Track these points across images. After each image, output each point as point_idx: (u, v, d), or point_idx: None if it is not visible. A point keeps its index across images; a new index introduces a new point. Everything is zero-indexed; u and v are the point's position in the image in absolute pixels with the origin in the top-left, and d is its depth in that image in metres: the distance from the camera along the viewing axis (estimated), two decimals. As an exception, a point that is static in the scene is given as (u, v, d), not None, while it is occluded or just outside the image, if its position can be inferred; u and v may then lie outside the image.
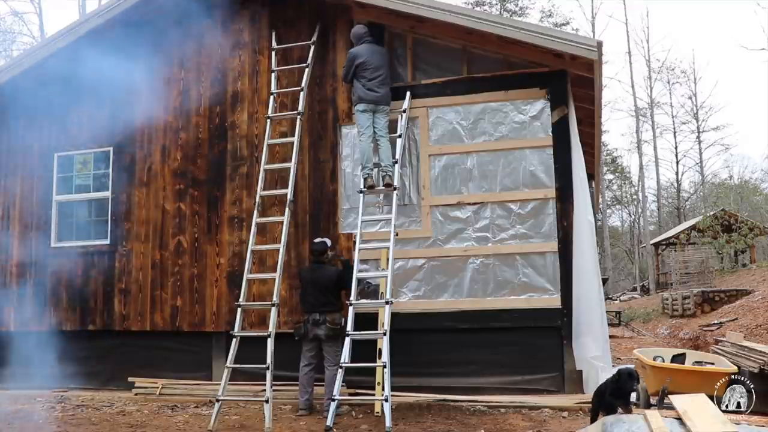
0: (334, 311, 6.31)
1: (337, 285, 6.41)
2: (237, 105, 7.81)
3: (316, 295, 6.35)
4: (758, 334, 11.72)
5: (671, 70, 42.28)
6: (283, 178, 7.24)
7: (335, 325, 6.23)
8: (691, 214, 38.39)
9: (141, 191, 8.03)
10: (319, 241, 6.69)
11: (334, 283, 6.39)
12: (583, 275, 6.59)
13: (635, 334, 16.26)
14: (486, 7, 35.04)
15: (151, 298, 7.81)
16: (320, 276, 6.42)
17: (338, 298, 6.42)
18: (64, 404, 7.08)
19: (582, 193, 6.74)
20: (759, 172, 43.72)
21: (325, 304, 6.31)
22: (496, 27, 6.75)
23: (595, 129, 8.65)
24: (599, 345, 6.57)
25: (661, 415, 4.32)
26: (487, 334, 6.74)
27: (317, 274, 6.45)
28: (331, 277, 6.41)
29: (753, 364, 5.98)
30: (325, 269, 6.50)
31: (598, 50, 6.34)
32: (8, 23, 30.80)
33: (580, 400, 6.08)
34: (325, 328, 6.24)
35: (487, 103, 7.02)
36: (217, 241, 7.64)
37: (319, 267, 6.52)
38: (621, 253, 44.86)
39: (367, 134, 6.85)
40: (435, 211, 7.04)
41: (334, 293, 6.39)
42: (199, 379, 7.42)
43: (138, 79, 8.13)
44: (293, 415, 6.23)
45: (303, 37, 7.60)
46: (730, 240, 24.42)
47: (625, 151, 58.89)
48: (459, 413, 6.03)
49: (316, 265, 6.56)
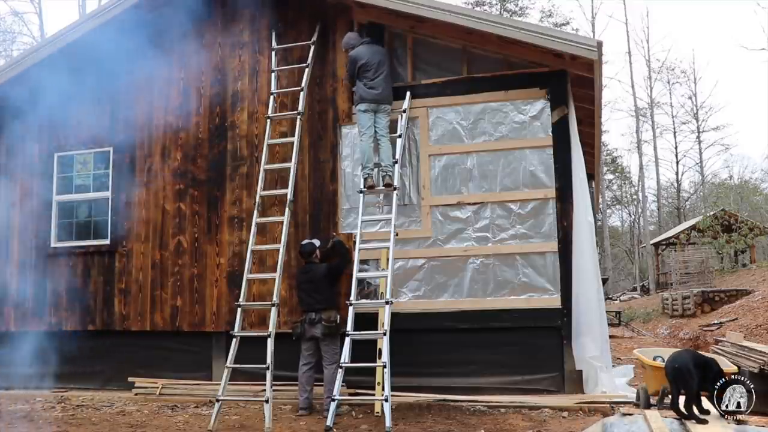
0: (330, 309, 6.34)
1: (328, 278, 6.46)
2: (237, 105, 7.81)
3: (311, 294, 6.40)
4: (758, 334, 11.73)
5: (671, 70, 42.38)
6: (283, 178, 7.24)
7: (331, 323, 6.25)
8: (691, 214, 38.41)
9: (141, 191, 8.02)
10: (307, 243, 6.72)
11: (325, 278, 6.44)
12: (583, 275, 6.59)
13: (635, 334, 16.26)
14: (486, 7, 35.06)
15: (151, 298, 7.81)
16: (312, 275, 6.48)
17: (333, 294, 6.45)
18: (64, 404, 7.08)
19: (582, 193, 6.74)
20: (759, 172, 43.82)
21: (319, 302, 6.34)
22: (496, 27, 6.74)
23: (595, 129, 8.64)
24: (598, 345, 6.57)
25: (661, 415, 4.33)
26: (487, 334, 6.74)
27: (309, 274, 6.51)
28: (322, 273, 6.47)
29: (753, 364, 6.00)
30: (316, 267, 6.56)
31: (598, 50, 6.34)
32: (8, 23, 30.85)
33: (580, 400, 6.08)
34: (321, 326, 6.26)
35: (487, 103, 7.02)
36: (217, 241, 7.64)
37: (310, 267, 6.58)
38: (621, 253, 44.87)
39: (368, 134, 6.85)
40: (435, 211, 7.04)
41: (328, 289, 6.44)
42: (199, 379, 7.42)
43: (138, 79, 8.15)
44: (293, 415, 6.23)
45: (303, 37, 7.60)
46: (730, 240, 24.42)
47: (625, 151, 59.01)
48: (459, 413, 6.03)
49: (308, 265, 6.61)
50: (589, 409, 5.92)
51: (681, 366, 4.43)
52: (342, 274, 6.61)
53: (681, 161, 41.24)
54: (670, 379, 4.48)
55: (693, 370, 4.40)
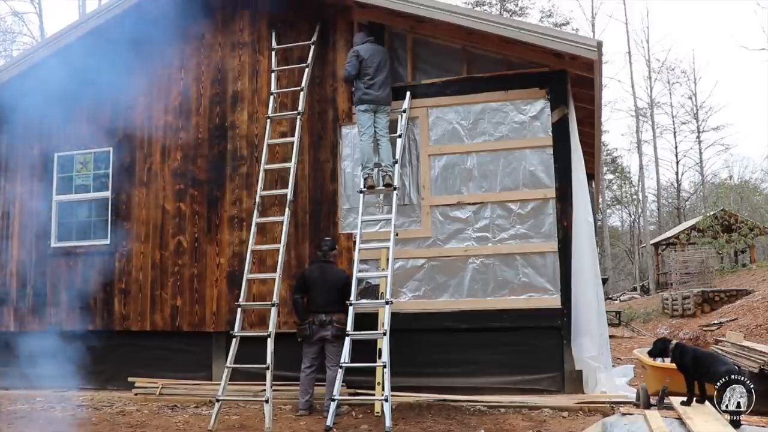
0: (341, 311, 6.24)
1: (345, 287, 6.32)
2: (237, 105, 7.81)
3: (325, 295, 6.27)
4: (758, 334, 11.72)
5: (671, 70, 42.45)
6: (283, 178, 7.23)
7: (342, 326, 6.15)
8: (691, 214, 38.38)
9: (141, 191, 8.03)
10: (330, 239, 6.70)
11: (343, 284, 6.33)
12: (582, 275, 6.59)
13: (635, 334, 16.24)
14: (486, 7, 35.10)
15: (151, 298, 7.81)
16: (330, 275, 6.37)
17: (344, 298, 6.33)
18: (64, 404, 7.08)
19: (581, 194, 6.74)
20: (759, 172, 43.80)
21: (332, 303, 6.25)
22: (496, 27, 6.75)
23: (595, 129, 8.64)
24: (597, 345, 6.57)
25: (661, 415, 4.33)
26: (487, 334, 6.74)
27: (327, 274, 6.38)
28: (341, 278, 6.38)
29: (753, 364, 5.99)
30: (335, 269, 6.49)
31: (598, 50, 6.34)
32: (8, 23, 30.83)
33: (580, 400, 6.08)
34: (332, 328, 6.18)
35: (487, 103, 7.02)
36: (217, 241, 7.64)
37: (327, 267, 6.47)
38: (621, 253, 44.85)
39: (368, 134, 6.85)
40: (435, 211, 7.04)
41: (342, 293, 6.30)
42: (199, 379, 7.42)
43: (138, 79, 8.15)
44: (293, 415, 6.23)
45: (303, 37, 7.60)
46: (730, 240, 24.41)
47: (625, 151, 58.92)
48: (459, 413, 6.03)
49: (326, 264, 6.50)
50: (589, 409, 5.92)
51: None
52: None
53: (681, 161, 41.28)
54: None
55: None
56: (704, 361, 4.50)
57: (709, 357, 4.66)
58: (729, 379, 4.12)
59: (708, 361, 4.51)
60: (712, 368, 4.34)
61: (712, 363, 4.44)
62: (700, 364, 4.49)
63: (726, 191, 34.32)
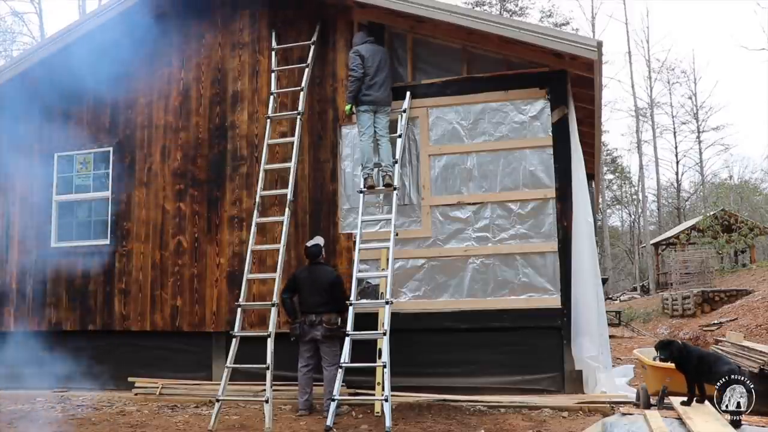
0: (331, 312, 6.26)
1: (333, 287, 6.33)
2: (237, 105, 7.81)
3: (314, 296, 6.30)
4: (758, 334, 11.71)
5: (671, 70, 42.45)
6: (283, 178, 7.24)
7: (332, 326, 6.20)
8: (691, 214, 38.37)
9: (141, 191, 8.03)
10: (313, 244, 6.61)
11: (330, 284, 6.34)
12: (582, 275, 6.59)
13: (635, 334, 16.25)
14: (486, 7, 35.09)
15: (151, 298, 7.81)
16: (318, 276, 6.39)
17: (334, 299, 6.31)
18: (64, 404, 7.08)
19: (581, 194, 6.74)
20: (759, 172, 43.79)
21: (321, 304, 6.26)
22: (496, 27, 6.75)
23: (595, 129, 8.64)
24: (596, 345, 6.57)
25: (661, 415, 4.33)
26: (487, 334, 6.74)
27: (315, 274, 6.41)
28: (329, 278, 6.39)
29: (753, 364, 5.98)
30: (323, 269, 6.49)
31: (598, 50, 6.34)
32: (8, 23, 30.82)
33: (580, 400, 6.08)
34: (321, 329, 6.21)
35: (487, 103, 7.02)
36: (217, 241, 7.64)
37: (316, 267, 6.50)
38: (621, 253, 44.85)
39: (368, 134, 6.85)
40: (435, 211, 7.04)
41: (330, 293, 6.32)
42: (199, 379, 7.42)
43: (138, 79, 8.16)
44: (293, 415, 6.23)
45: (303, 37, 7.60)
46: (730, 240, 24.41)
47: (625, 151, 58.90)
48: (459, 413, 6.03)
49: (314, 266, 6.52)
50: (589, 409, 5.92)
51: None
52: (339, 296, 6.35)
53: (681, 161, 41.27)
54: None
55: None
56: (707, 361, 4.51)
57: (712, 357, 4.67)
58: (729, 379, 4.12)
59: (711, 360, 4.52)
60: (714, 368, 4.35)
61: (715, 363, 4.45)
62: (703, 363, 4.49)
63: (726, 191, 34.32)
